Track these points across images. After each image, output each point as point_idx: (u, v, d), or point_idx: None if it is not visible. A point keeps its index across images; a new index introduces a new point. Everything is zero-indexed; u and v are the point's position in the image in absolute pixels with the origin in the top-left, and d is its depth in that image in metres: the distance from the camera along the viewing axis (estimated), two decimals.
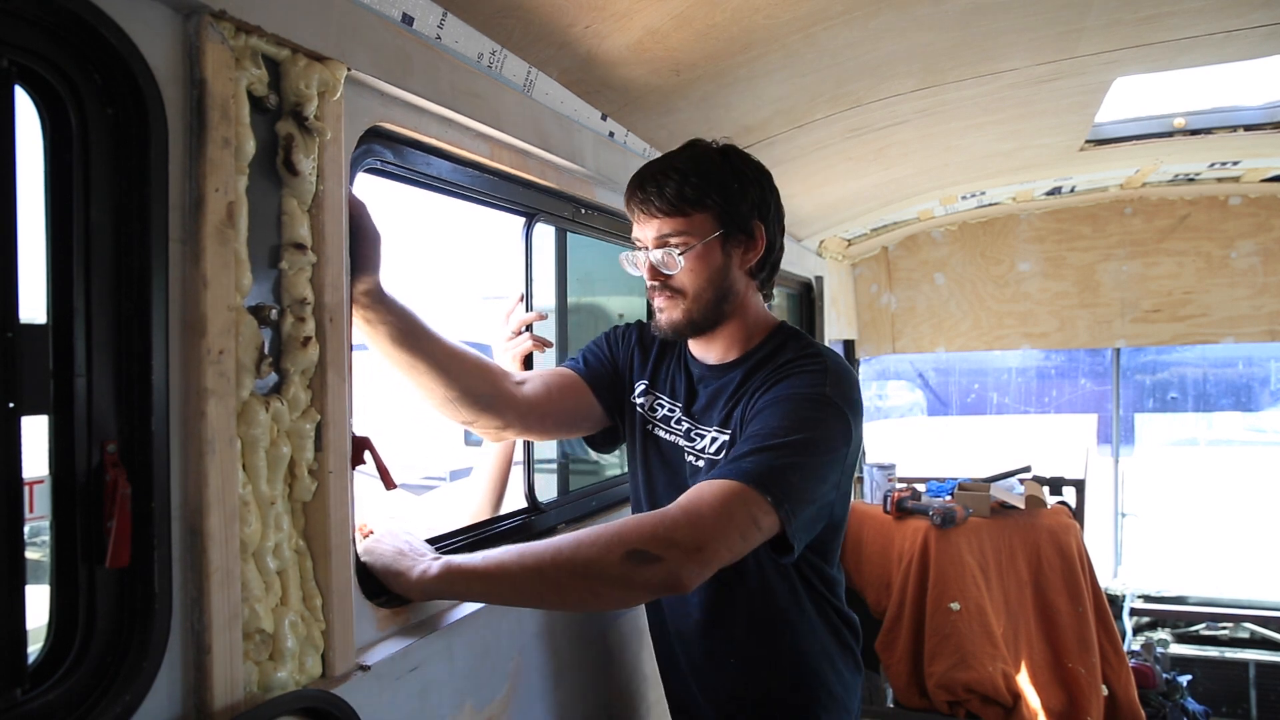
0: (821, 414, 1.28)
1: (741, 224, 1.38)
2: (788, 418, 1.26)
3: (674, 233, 1.35)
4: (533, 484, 1.78)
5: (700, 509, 1.14)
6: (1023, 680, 2.95)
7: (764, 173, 1.44)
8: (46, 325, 0.81)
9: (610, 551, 1.10)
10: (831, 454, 1.27)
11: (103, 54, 0.82)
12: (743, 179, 1.38)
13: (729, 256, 1.38)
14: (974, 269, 4.55)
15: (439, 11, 1.29)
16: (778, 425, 1.25)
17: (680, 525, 1.12)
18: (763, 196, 1.41)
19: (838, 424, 1.29)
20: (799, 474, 1.21)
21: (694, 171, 1.35)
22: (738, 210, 1.37)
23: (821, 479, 1.25)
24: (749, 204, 1.38)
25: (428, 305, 6.69)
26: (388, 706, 1.16)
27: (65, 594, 0.83)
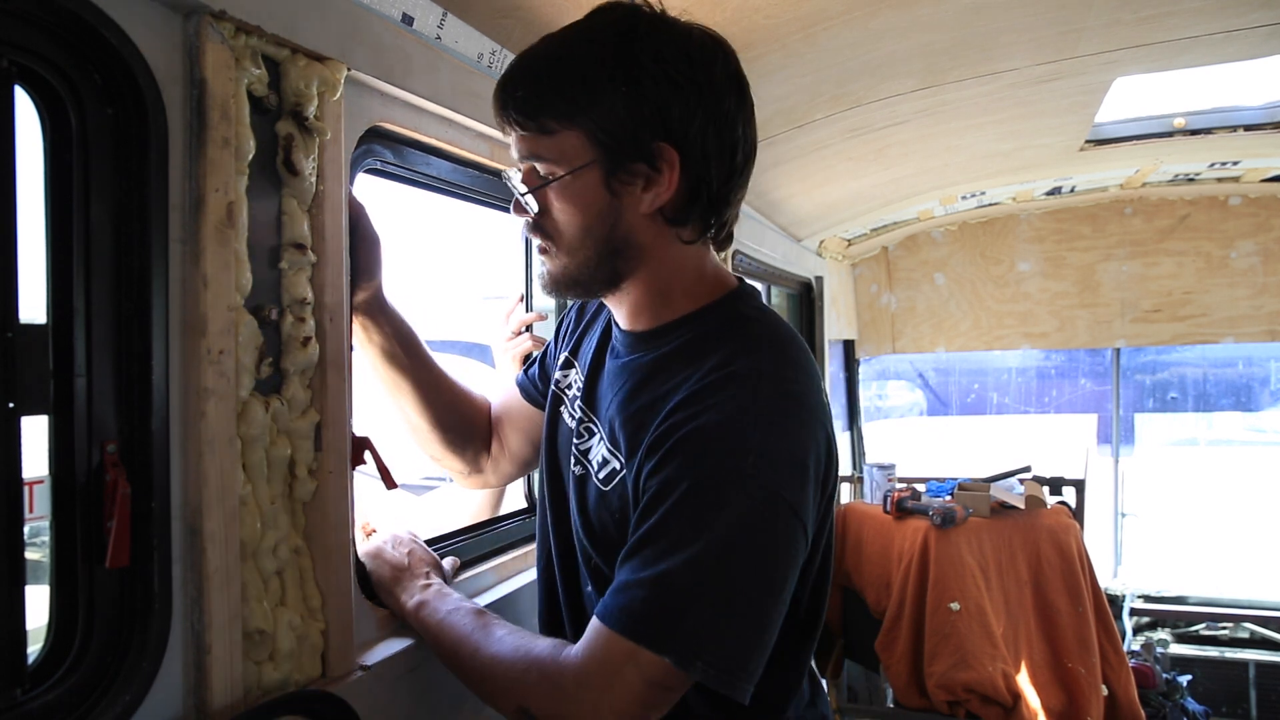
0: (739, 512, 0.87)
1: (633, 148, 0.93)
2: (693, 523, 0.87)
3: (535, 156, 0.98)
4: (533, 484, 1.78)
5: (590, 676, 0.89)
6: (1023, 680, 2.95)
7: (688, 62, 0.93)
8: (46, 325, 0.81)
9: (506, 698, 0.97)
10: (762, 566, 0.88)
11: (103, 54, 0.82)
12: (637, 78, 0.91)
13: (615, 195, 0.96)
14: (974, 269, 4.55)
15: (439, 11, 1.29)
16: (680, 532, 0.87)
17: (570, 697, 0.90)
18: (672, 98, 0.92)
19: (766, 521, 0.88)
20: (713, 607, 0.86)
21: (565, 63, 0.94)
22: (622, 127, 0.92)
23: (760, 600, 0.89)
24: (648, 114, 0.92)
25: (428, 305, 6.68)
26: (388, 706, 1.16)
27: (65, 594, 0.83)
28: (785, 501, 0.89)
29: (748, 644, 0.88)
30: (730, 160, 1.01)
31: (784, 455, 0.90)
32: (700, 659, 0.85)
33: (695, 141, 0.95)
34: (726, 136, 0.99)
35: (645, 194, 0.97)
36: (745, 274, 3.21)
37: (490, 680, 0.99)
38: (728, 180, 1.02)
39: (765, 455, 0.88)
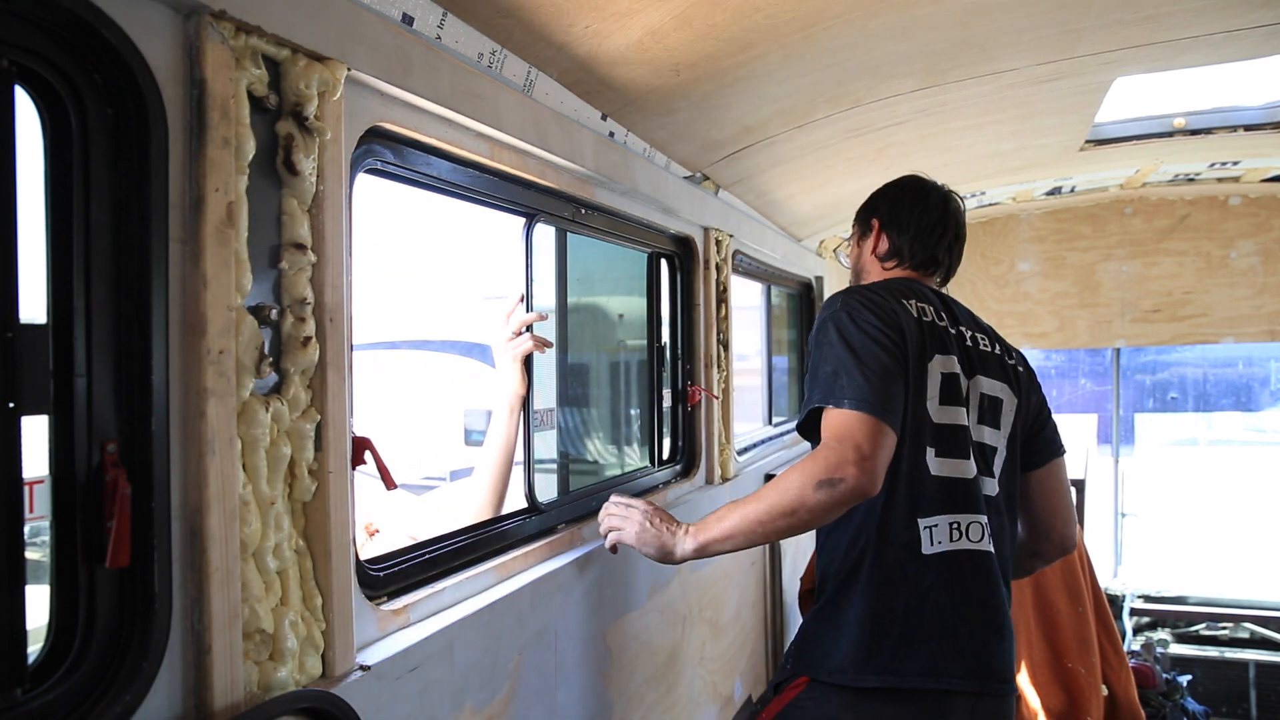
0: (826, 332, 1.53)
1: (866, 224, 1.84)
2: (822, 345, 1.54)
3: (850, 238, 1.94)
4: (533, 484, 1.78)
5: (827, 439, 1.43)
6: (1023, 680, 2.96)
7: (896, 192, 1.83)
8: (46, 325, 0.81)
9: (806, 487, 1.37)
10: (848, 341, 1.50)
11: (103, 54, 0.82)
12: (874, 199, 1.87)
13: (862, 248, 1.85)
14: (974, 269, 4.55)
15: (439, 11, 1.29)
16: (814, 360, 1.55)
17: (826, 459, 1.38)
18: (883, 204, 1.83)
19: (836, 322, 1.53)
20: (844, 374, 1.46)
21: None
22: (866, 216, 1.85)
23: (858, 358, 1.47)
24: (870, 211, 1.84)
25: (428, 305, 6.66)
26: (388, 706, 1.16)
27: (65, 594, 0.83)
28: (851, 315, 1.53)
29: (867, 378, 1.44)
30: (906, 228, 1.80)
31: (843, 300, 1.57)
32: (846, 397, 1.42)
33: (885, 217, 1.82)
34: (896, 216, 1.81)
35: (868, 243, 1.84)
36: (745, 274, 3.21)
37: (785, 493, 1.39)
38: (909, 235, 1.79)
39: (841, 302, 1.57)
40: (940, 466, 1.52)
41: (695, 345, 2.56)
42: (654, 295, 2.44)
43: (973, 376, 1.62)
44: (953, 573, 1.50)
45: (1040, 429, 1.73)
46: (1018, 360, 1.74)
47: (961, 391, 1.57)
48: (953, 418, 1.55)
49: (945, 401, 1.54)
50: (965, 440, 1.55)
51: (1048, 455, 1.74)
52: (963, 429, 1.55)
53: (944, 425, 1.53)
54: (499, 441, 1.82)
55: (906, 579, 1.49)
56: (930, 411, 1.53)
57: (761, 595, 3.09)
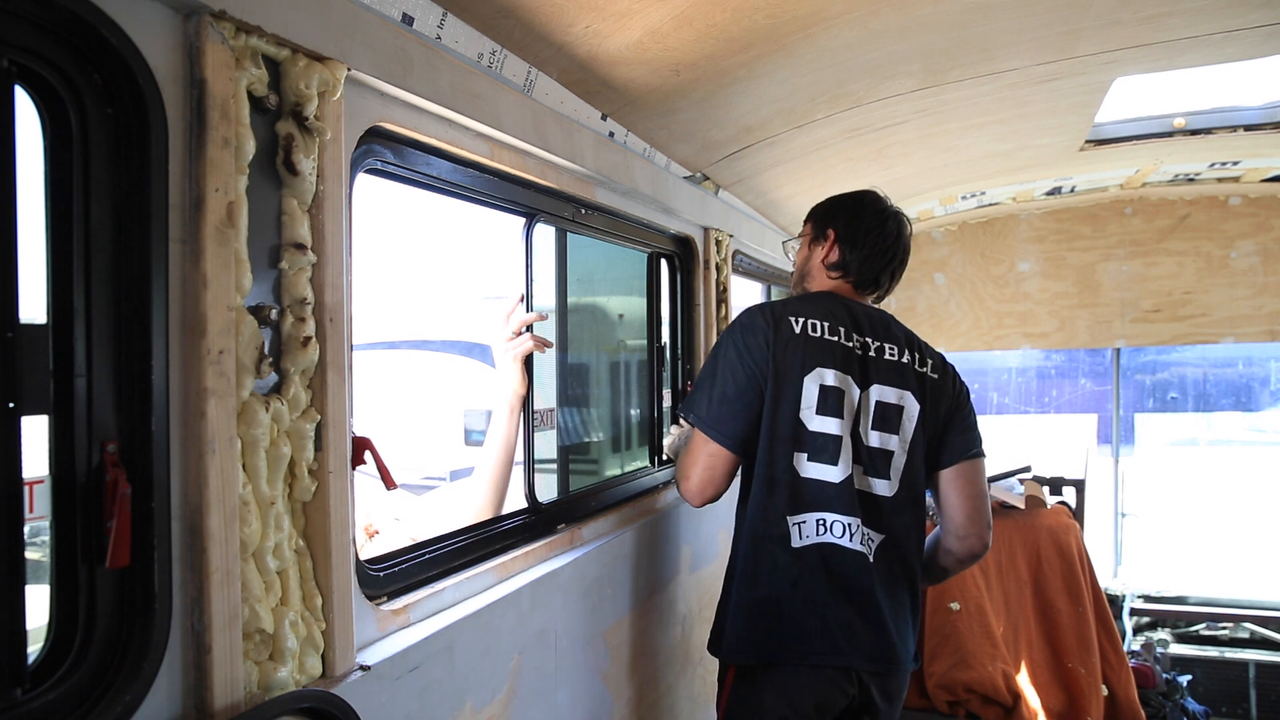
0: (714, 349, 1.78)
1: (822, 231, 1.93)
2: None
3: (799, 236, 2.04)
4: (533, 484, 1.78)
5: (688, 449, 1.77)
6: (1023, 680, 2.95)
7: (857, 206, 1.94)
8: (46, 325, 0.81)
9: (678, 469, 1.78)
10: (712, 362, 1.75)
11: (103, 54, 0.82)
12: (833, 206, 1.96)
13: (811, 251, 1.94)
14: (974, 269, 4.55)
15: (439, 11, 1.29)
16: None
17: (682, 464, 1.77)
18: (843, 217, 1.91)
19: (721, 346, 1.75)
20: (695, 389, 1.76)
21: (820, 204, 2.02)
22: (822, 223, 1.94)
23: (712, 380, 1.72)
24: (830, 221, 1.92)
25: (428, 305, 6.65)
26: (388, 706, 1.16)
27: (65, 594, 0.83)
28: (728, 337, 1.75)
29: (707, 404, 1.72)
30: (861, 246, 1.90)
31: (735, 320, 1.79)
32: (691, 412, 1.74)
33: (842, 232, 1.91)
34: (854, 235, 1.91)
35: (819, 250, 1.93)
36: (745, 274, 3.21)
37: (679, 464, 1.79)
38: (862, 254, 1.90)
39: (732, 323, 1.78)
40: (810, 470, 1.67)
41: (695, 345, 2.56)
42: (654, 295, 2.44)
43: (867, 387, 1.73)
44: (821, 564, 1.65)
45: (948, 431, 1.80)
46: (936, 370, 1.82)
47: (842, 402, 1.70)
48: (827, 426, 1.68)
49: (821, 411, 1.68)
50: (837, 447, 1.68)
51: (955, 457, 1.80)
52: (835, 437, 1.68)
53: (818, 433, 1.68)
54: (499, 441, 1.82)
55: (778, 569, 1.65)
56: (805, 420, 1.68)
57: None
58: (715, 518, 2.54)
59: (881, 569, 1.68)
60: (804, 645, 1.64)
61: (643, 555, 2.07)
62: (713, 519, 2.53)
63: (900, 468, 1.74)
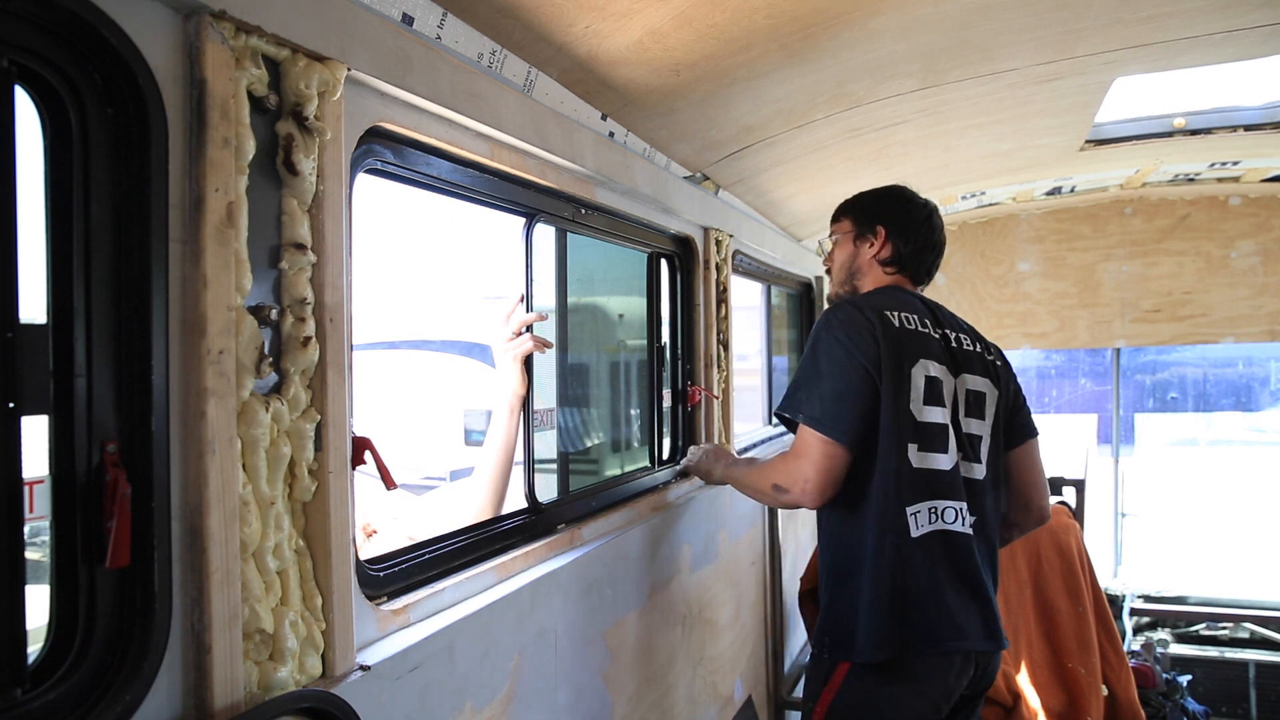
0: (813, 342, 1.77)
1: (869, 228, 1.96)
2: (806, 354, 1.79)
3: (832, 235, 2.04)
4: (533, 484, 1.78)
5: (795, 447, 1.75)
6: (1023, 680, 2.95)
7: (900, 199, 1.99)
8: (46, 325, 0.81)
9: (764, 482, 1.79)
10: (828, 356, 1.73)
11: (103, 54, 0.82)
12: (876, 199, 1.99)
13: (858, 249, 1.96)
14: (974, 269, 4.55)
15: (439, 11, 1.29)
16: (801, 362, 1.82)
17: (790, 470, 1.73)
18: (887, 209, 1.96)
19: (826, 338, 1.74)
20: (803, 389, 1.74)
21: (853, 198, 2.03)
22: (867, 219, 1.95)
23: (826, 376, 1.72)
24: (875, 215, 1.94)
25: (428, 305, 6.65)
26: (388, 706, 1.16)
27: (65, 594, 0.83)
28: (830, 334, 1.75)
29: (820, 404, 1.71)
30: (910, 237, 1.95)
31: (829, 317, 1.79)
32: (803, 413, 1.72)
33: (897, 230, 1.94)
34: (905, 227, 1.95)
35: (870, 248, 1.96)
36: (745, 274, 3.21)
37: (762, 476, 1.82)
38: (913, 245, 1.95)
39: (826, 319, 1.80)
40: (925, 460, 1.71)
41: (695, 345, 2.56)
42: (654, 295, 2.44)
43: (958, 375, 1.82)
44: (940, 550, 1.70)
45: (1016, 414, 1.94)
46: (995, 355, 1.95)
47: (944, 392, 1.77)
48: (935, 416, 1.74)
49: (928, 402, 1.74)
50: (945, 436, 1.74)
51: (1024, 436, 1.94)
52: (943, 426, 1.74)
53: (928, 423, 1.73)
54: (499, 441, 1.82)
55: (903, 560, 1.68)
56: (915, 412, 1.72)
57: (761, 595, 3.09)
58: (715, 517, 2.54)
59: (980, 550, 1.76)
60: (936, 633, 1.68)
61: (643, 555, 2.07)
62: (712, 519, 2.53)
63: (987, 451, 1.83)
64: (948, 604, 1.68)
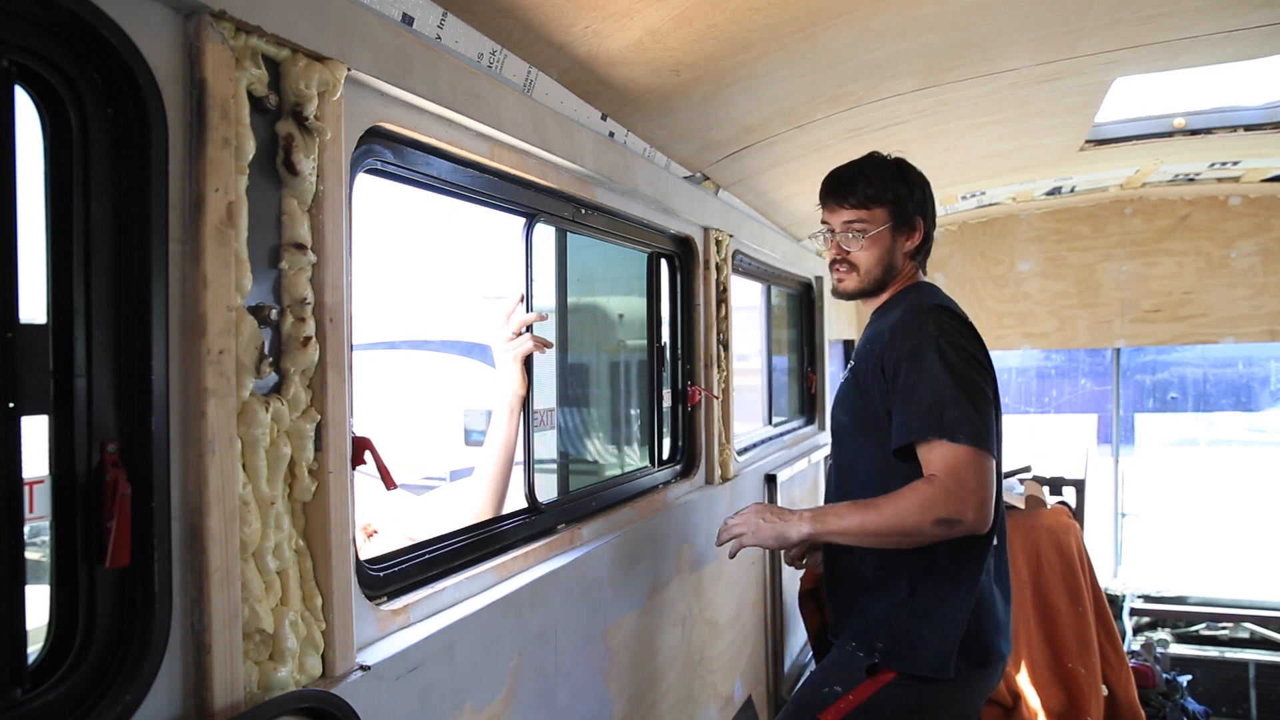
0: (933, 353, 1.62)
1: (908, 219, 1.79)
2: (920, 371, 1.63)
3: (858, 221, 1.78)
4: (533, 484, 1.78)
5: (953, 470, 1.55)
6: (1023, 680, 2.96)
7: (926, 182, 1.85)
8: (46, 325, 0.81)
9: (924, 521, 1.53)
10: (964, 364, 1.62)
11: (103, 54, 0.82)
12: (911, 185, 1.80)
13: (895, 242, 1.80)
14: (974, 269, 4.55)
15: (439, 11, 1.29)
16: (912, 380, 1.63)
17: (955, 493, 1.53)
18: (924, 199, 1.82)
19: (950, 345, 1.63)
20: (952, 403, 1.58)
21: (877, 176, 1.79)
22: (906, 208, 1.78)
23: (974, 387, 1.61)
24: (915, 204, 1.80)
25: (428, 305, 6.65)
26: (388, 706, 1.16)
27: (65, 594, 0.83)
28: (951, 343, 1.64)
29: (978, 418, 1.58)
30: (935, 224, 1.88)
31: (938, 325, 1.67)
32: (962, 432, 1.55)
33: (930, 217, 1.85)
34: (934, 214, 1.87)
35: (907, 242, 1.82)
36: (745, 274, 3.21)
37: (905, 519, 1.56)
38: (931, 236, 1.87)
39: (937, 327, 1.67)
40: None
41: (695, 345, 2.56)
42: (654, 295, 2.44)
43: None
44: (998, 557, 1.76)
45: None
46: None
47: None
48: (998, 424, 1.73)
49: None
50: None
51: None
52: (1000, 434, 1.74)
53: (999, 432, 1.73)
54: (499, 441, 1.82)
55: (986, 571, 1.70)
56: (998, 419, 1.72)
57: (761, 595, 3.09)
58: (715, 517, 2.54)
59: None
60: (998, 646, 1.72)
61: (643, 555, 2.07)
62: (712, 519, 2.53)
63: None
64: (1000, 613, 1.72)
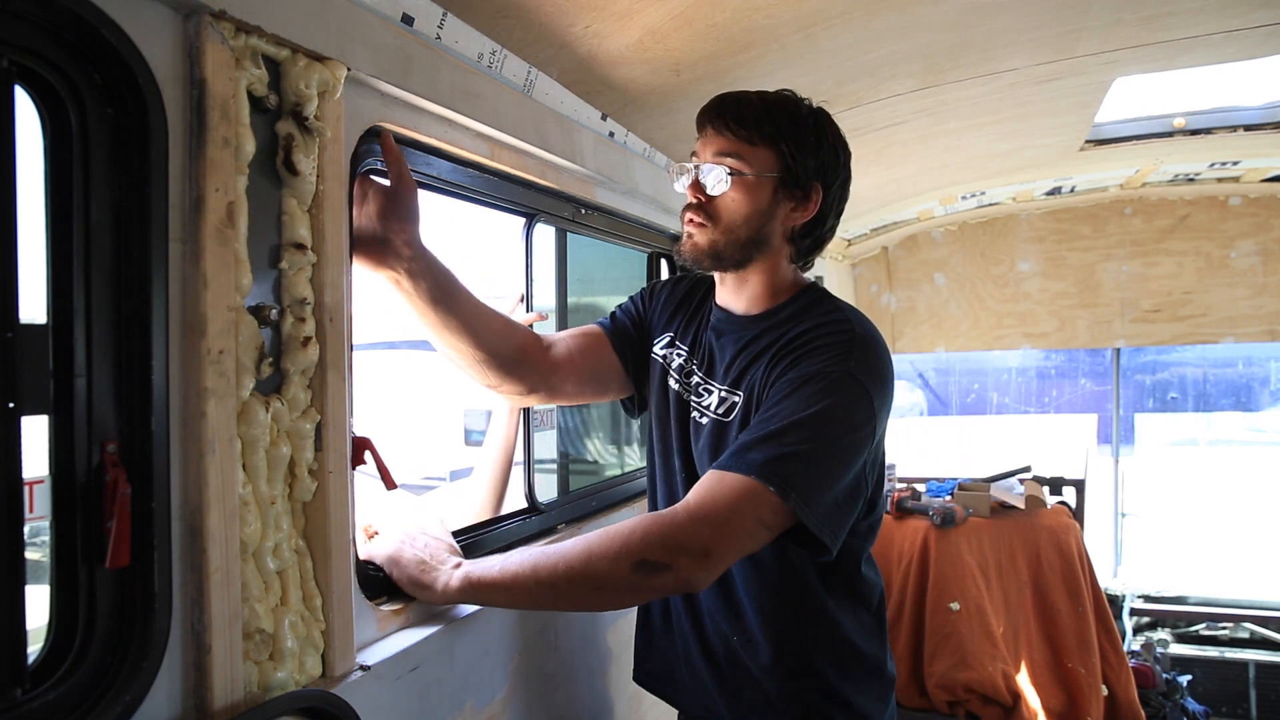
0: (840, 394, 1.20)
1: (802, 180, 1.31)
2: (803, 399, 1.19)
3: (734, 155, 1.29)
4: (533, 484, 1.78)
5: (706, 511, 1.14)
6: (1023, 680, 2.96)
7: (844, 147, 1.38)
8: (46, 325, 0.81)
9: (619, 563, 1.12)
10: (851, 434, 1.20)
11: (103, 54, 0.82)
12: (820, 139, 1.33)
13: (776, 204, 1.32)
14: (974, 269, 4.55)
15: (439, 11, 1.29)
16: (791, 408, 1.19)
17: (687, 531, 1.12)
18: (833, 165, 1.35)
19: (858, 402, 1.21)
20: (805, 460, 1.15)
21: (778, 109, 1.32)
22: (804, 165, 1.30)
23: (838, 462, 1.19)
24: (817, 164, 1.32)
25: None
26: (388, 706, 1.16)
27: (65, 594, 0.83)
28: (868, 395, 1.22)
29: (831, 497, 1.18)
30: (839, 214, 1.40)
31: (869, 368, 1.24)
32: (795, 495, 1.12)
33: (833, 193, 1.36)
34: (845, 196, 1.41)
35: (794, 212, 1.34)
36: None
37: (597, 561, 1.13)
38: (833, 225, 1.41)
39: (860, 363, 1.23)
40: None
41: None
42: None
43: None
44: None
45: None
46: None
47: None
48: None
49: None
50: None
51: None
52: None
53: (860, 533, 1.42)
54: (498, 442, 1.82)
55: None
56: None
57: None
58: None
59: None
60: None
61: None
62: None
63: None
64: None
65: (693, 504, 1.15)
